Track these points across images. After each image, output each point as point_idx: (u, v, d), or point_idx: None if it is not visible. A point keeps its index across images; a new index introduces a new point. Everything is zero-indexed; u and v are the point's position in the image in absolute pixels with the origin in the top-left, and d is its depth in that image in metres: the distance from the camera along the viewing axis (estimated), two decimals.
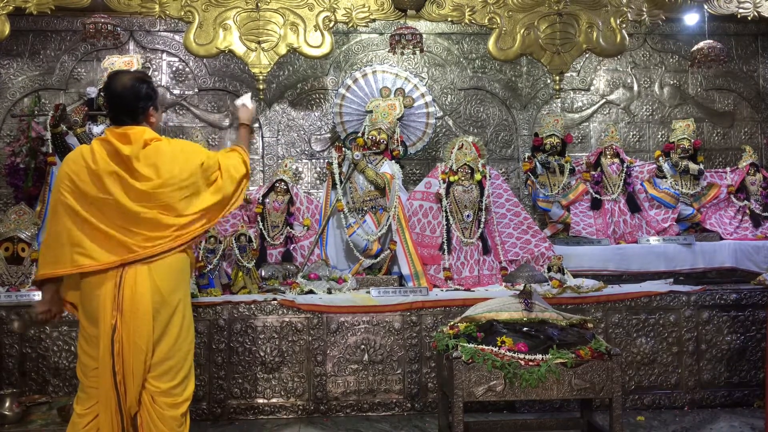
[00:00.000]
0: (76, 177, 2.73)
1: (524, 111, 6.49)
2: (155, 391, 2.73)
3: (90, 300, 2.72)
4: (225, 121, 6.26)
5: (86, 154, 2.77)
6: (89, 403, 2.72)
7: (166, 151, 2.81)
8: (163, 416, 2.73)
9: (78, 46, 6.08)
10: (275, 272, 5.08)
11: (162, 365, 2.74)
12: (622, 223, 5.78)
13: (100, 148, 2.77)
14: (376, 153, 5.45)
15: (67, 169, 2.76)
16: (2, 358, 4.36)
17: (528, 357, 3.31)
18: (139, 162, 2.75)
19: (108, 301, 2.68)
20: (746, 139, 6.67)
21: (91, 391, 2.72)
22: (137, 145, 2.77)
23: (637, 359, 4.69)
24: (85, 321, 2.74)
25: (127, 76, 2.89)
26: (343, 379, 4.55)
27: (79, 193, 2.72)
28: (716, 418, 4.50)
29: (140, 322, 2.68)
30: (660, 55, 6.66)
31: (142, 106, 2.84)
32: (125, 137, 2.78)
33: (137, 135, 2.79)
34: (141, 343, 2.68)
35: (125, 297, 2.68)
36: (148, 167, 2.75)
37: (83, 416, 2.72)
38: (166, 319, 2.75)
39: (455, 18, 5.24)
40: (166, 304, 2.75)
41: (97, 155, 2.74)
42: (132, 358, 2.67)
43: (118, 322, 2.66)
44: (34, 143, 5.55)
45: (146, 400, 2.73)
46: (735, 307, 4.78)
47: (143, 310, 2.69)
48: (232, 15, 5.02)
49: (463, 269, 5.29)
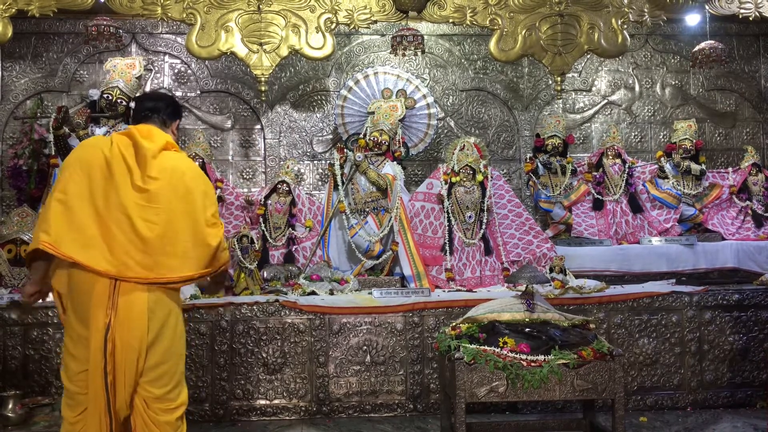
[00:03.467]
0: (88, 161, 2.68)
1: (526, 112, 6.49)
2: (149, 396, 2.67)
3: (81, 296, 2.63)
4: (227, 122, 6.27)
5: (104, 141, 2.76)
6: (80, 408, 2.64)
7: (180, 165, 2.79)
8: (158, 421, 2.68)
9: (80, 48, 6.10)
10: (277, 273, 5.09)
11: (156, 370, 2.68)
12: (624, 223, 5.78)
13: (119, 137, 2.77)
14: (378, 154, 5.46)
15: (81, 152, 2.74)
16: (5, 359, 4.37)
17: (530, 358, 3.31)
18: (155, 160, 2.72)
19: (102, 298, 2.60)
20: (748, 140, 6.67)
21: (80, 397, 2.63)
22: (158, 145, 2.76)
23: (639, 360, 4.69)
24: (74, 320, 2.66)
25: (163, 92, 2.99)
26: (346, 380, 4.55)
27: (86, 177, 2.65)
28: (719, 418, 4.49)
29: (135, 321, 2.62)
30: (661, 56, 6.66)
31: (172, 113, 2.96)
32: (149, 133, 2.79)
33: (161, 136, 2.82)
34: (134, 343, 2.62)
35: (121, 296, 2.61)
36: (158, 169, 2.72)
37: (75, 423, 2.64)
38: (161, 320, 2.69)
39: (456, 19, 5.25)
40: (162, 303, 2.70)
41: (115, 143, 2.73)
42: (124, 358, 2.61)
43: (112, 320, 2.59)
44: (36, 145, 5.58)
45: (140, 406, 2.67)
46: (737, 308, 4.78)
47: (139, 309, 2.63)
48: (233, 17, 5.04)
49: (465, 270, 5.30)
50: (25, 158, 5.59)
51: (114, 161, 2.68)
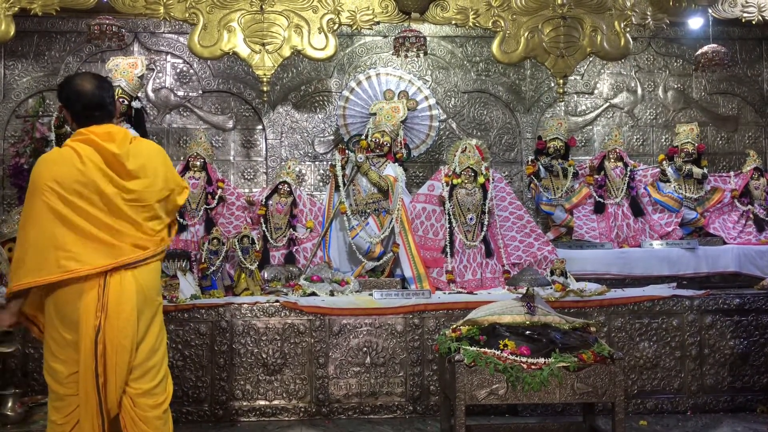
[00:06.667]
0: (64, 180, 2.62)
1: (528, 114, 6.49)
2: (135, 393, 2.69)
3: (68, 304, 2.63)
4: (229, 123, 6.27)
5: (69, 155, 2.67)
6: (68, 410, 2.64)
7: (149, 151, 2.84)
8: (146, 418, 2.70)
9: (83, 47, 6.10)
10: (278, 274, 5.08)
11: (143, 365, 2.71)
12: (625, 226, 5.77)
13: (84, 148, 2.69)
14: (380, 155, 5.45)
15: (51, 173, 2.64)
16: (5, 358, 4.36)
17: (530, 360, 3.31)
18: (128, 160, 2.72)
19: (91, 303, 2.61)
20: (750, 143, 6.66)
21: (70, 398, 2.64)
22: (124, 144, 2.75)
23: (639, 363, 4.68)
24: (61, 327, 2.64)
25: (91, 76, 2.88)
26: (345, 381, 4.55)
27: (66, 196, 2.62)
28: (719, 423, 4.48)
29: (125, 322, 2.64)
30: (664, 59, 6.66)
31: (111, 103, 2.88)
32: (110, 136, 2.73)
33: (122, 134, 2.78)
34: (126, 343, 2.64)
35: (111, 298, 2.63)
36: (136, 166, 2.74)
37: (64, 425, 2.64)
38: (149, 319, 2.75)
39: (459, 21, 5.25)
40: (150, 303, 2.76)
41: (84, 156, 2.66)
42: (116, 358, 2.62)
43: (102, 322, 2.61)
44: (38, 144, 5.57)
45: (126, 404, 2.68)
46: (738, 312, 4.77)
47: (129, 310, 2.65)
48: (236, 17, 5.04)
49: (465, 272, 5.29)
50: (27, 157, 5.58)
51: (90, 173, 2.65)
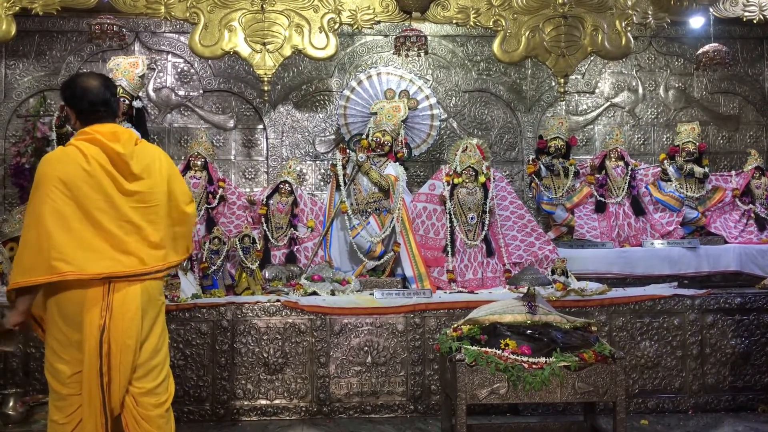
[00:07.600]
0: (70, 180, 2.60)
1: (529, 113, 6.48)
2: (138, 392, 2.69)
3: (72, 304, 2.62)
4: (230, 122, 6.27)
5: (74, 154, 2.65)
6: (70, 410, 2.64)
7: (154, 154, 2.83)
8: (149, 417, 2.70)
9: (84, 46, 6.10)
10: (279, 273, 5.09)
11: (146, 365, 2.72)
12: (626, 226, 5.77)
13: (89, 147, 2.67)
14: (381, 155, 5.45)
15: (56, 172, 2.61)
16: (6, 357, 4.37)
17: (531, 360, 3.31)
18: (133, 161, 2.71)
19: (96, 303, 2.61)
20: (751, 143, 6.65)
21: (72, 398, 2.64)
22: (129, 144, 2.74)
23: (641, 363, 4.68)
24: (65, 326, 2.63)
25: (95, 75, 2.89)
26: (346, 380, 4.55)
27: (70, 196, 2.60)
28: (720, 422, 4.48)
29: (130, 321, 2.65)
30: (665, 58, 6.65)
31: (115, 102, 2.86)
32: (115, 136, 2.72)
33: (126, 134, 2.77)
34: (131, 342, 2.65)
35: (115, 297, 2.63)
36: (141, 167, 2.73)
37: (66, 424, 2.64)
38: (152, 318, 2.76)
39: (460, 20, 5.24)
40: (153, 303, 2.76)
41: (89, 155, 2.64)
42: (120, 358, 2.63)
43: (107, 322, 2.61)
44: (39, 144, 5.58)
45: (129, 403, 2.68)
46: (739, 311, 4.77)
47: (133, 310, 2.66)
48: (237, 16, 5.04)
49: (466, 271, 5.29)
50: (28, 156, 5.59)
51: (96, 173, 2.64)
